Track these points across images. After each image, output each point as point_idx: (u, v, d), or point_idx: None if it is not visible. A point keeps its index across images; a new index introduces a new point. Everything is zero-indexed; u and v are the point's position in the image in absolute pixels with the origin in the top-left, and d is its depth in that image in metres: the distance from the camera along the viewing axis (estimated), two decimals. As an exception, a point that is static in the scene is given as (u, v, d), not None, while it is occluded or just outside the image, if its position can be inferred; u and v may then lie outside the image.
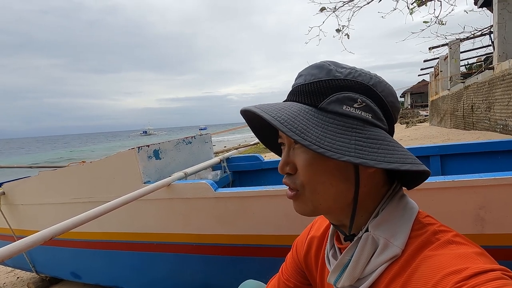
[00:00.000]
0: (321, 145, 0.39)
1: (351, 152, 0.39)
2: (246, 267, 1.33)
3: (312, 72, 0.46)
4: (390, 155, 0.41)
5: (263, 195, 1.19)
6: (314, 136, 0.40)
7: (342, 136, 0.41)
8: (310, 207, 0.47)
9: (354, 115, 0.43)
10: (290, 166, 0.47)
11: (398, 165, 0.40)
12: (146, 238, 1.48)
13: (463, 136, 6.94)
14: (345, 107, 0.43)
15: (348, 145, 0.40)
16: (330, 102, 0.44)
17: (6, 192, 1.84)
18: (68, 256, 1.85)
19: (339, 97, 0.43)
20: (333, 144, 0.40)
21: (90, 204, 1.50)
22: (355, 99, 0.43)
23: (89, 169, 1.55)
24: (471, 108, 7.88)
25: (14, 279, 2.67)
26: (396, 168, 0.40)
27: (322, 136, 0.40)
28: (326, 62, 0.47)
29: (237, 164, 2.03)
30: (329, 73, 0.45)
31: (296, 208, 0.49)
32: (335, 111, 0.43)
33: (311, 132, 0.40)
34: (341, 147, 0.40)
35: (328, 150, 0.39)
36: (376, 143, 0.41)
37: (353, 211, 0.46)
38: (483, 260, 0.37)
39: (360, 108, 0.43)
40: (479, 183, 0.94)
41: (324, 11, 5.02)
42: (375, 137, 0.42)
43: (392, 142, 0.43)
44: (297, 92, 0.47)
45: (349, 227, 0.48)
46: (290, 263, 0.69)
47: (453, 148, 1.64)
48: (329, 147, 0.39)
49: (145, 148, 1.46)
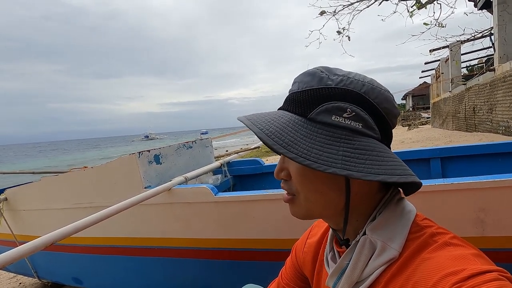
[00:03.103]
0: (307, 157, 0.40)
1: (338, 163, 0.39)
2: (246, 271, 1.33)
3: (304, 79, 0.46)
4: (377, 166, 0.40)
5: (263, 199, 1.19)
6: (301, 148, 0.41)
7: (330, 147, 0.41)
8: (304, 211, 0.49)
9: (342, 125, 0.43)
10: (284, 172, 0.49)
11: (386, 177, 0.40)
12: (147, 243, 1.48)
13: (465, 138, 6.92)
14: (334, 117, 0.43)
15: (335, 156, 0.40)
16: (320, 113, 0.43)
17: (9, 198, 1.85)
18: (70, 261, 1.85)
19: (328, 107, 0.43)
20: (320, 156, 0.40)
21: (91, 209, 1.51)
22: (344, 108, 0.43)
23: (90, 175, 1.56)
24: (473, 110, 7.86)
25: (16, 285, 2.68)
26: (383, 180, 0.39)
27: (309, 147, 0.41)
28: (319, 68, 0.46)
29: (238, 168, 2.04)
30: (320, 81, 0.45)
31: (292, 212, 0.51)
32: (324, 121, 0.43)
33: (299, 144, 0.41)
34: (328, 158, 0.40)
35: (314, 162, 0.39)
36: (365, 153, 0.41)
37: (345, 218, 0.47)
38: (480, 261, 0.37)
39: (349, 117, 0.43)
40: (478, 186, 0.93)
41: (324, 15, 5.04)
42: (364, 148, 0.42)
43: (382, 152, 0.43)
44: (290, 100, 0.47)
45: (342, 232, 0.49)
46: (289, 267, 0.70)
47: (454, 151, 1.64)
48: (315, 158, 0.39)
49: (146, 153, 1.47)
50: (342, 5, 5.00)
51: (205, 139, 2.07)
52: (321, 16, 4.98)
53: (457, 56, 10.58)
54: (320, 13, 4.89)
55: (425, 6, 4.95)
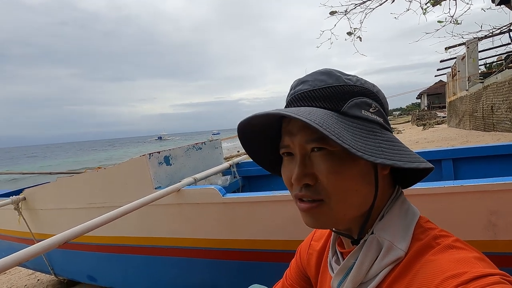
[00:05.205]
0: (358, 148, 0.38)
1: (380, 154, 0.40)
2: (252, 272, 1.33)
3: (320, 78, 0.45)
4: (408, 156, 0.43)
5: (270, 200, 1.20)
6: (349, 140, 0.38)
7: (369, 139, 0.41)
8: (332, 218, 0.44)
9: (372, 119, 0.44)
10: (309, 176, 0.43)
11: (418, 164, 0.42)
12: (157, 242, 1.51)
13: (483, 138, 6.70)
14: (363, 111, 0.44)
15: (376, 148, 0.41)
16: (351, 107, 0.44)
17: (27, 197, 1.92)
18: (84, 259, 1.91)
19: (357, 101, 0.44)
20: (365, 147, 0.39)
21: (104, 209, 1.55)
22: (370, 104, 0.45)
23: (103, 175, 1.60)
24: (491, 109, 7.60)
25: (34, 281, 2.78)
26: (416, 167, 0.42)
27: (353, 139, 0.39)
28: (332, 69, 0.47)
29: (247, 169, 2.05)
30: (338, 79, 0.45)
31: (313, 220, 0.45)
32: (356, 115, 0.44)
33: (345, 136, 0.39)
34: (371, 150, 0.40)
35: (364, 153, 0.38)
36: (395, 145, 0.44)
37: (368, 214, 0.46)
38: (482, 264, 0.37)
39: (374, 112, 0.45)
40: (489, 188, 0.91)
41: (335, 14, 4.98)
42: (391, 140, 0.44)
43: (402, 144, 0.46)
44: (308, 97, 0.45)
45: (359, 230, 0.48)
46: (294, 269, 0.70)
47: (467, 152, 1.59)
48: (363, 150, 0.38)
49: (156, 154, 1.50)
50: (354, 4, 4.93)
51: (214, 140, 2.09)
52: (332, 16, 4.91)
53: (474, 54, 10.25)
54: (331, 13, 4.83)
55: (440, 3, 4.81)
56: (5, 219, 2.15)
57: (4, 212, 2.04)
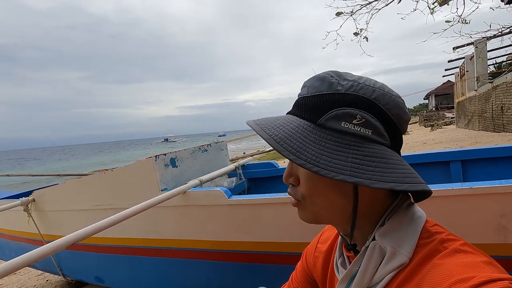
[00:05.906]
0: (316, 163, 0.40)
1: (347, 170, 0.39)
2: (258, 274, 1.33)
3: (314, 84, 0.46)
4: (387, 174, 0.40)
5: (275, 203, 1.19)
6: (310, 154, 0.40)
7: (339, 154, 0.41)
8: (311, 216, 0.49)
9: (352, 132, 0.42)
10: (293, 177, 0.49)
11: (395, 185, 0.39)
12: (163, 244, 1.52)
13: (493, 139, 6.58)
14: (343, 123, 0.43)
15: (344, 163, 0.40)
16: (329, 119, 0.43)
17: (36, 199, 1.95)
18: (92, 260, 1.93)
19: (337, 113, 0.43)
20: (328, 162, 0.40)
21: (111, 210, 1.56)
22: (354, 115, 0.42)
23: (111, 177, 1.62)
24: (501, 109, 7.47)
25: (43, 281, 2.82)
26: (392, 188, 0.39)
27: (318, 154, 0.41)
28: (329, 73, 0.46)
29: (253, 171, 2.04)
30: (330, 86, 0.44)
31: (300, 216, 0.51)
32: (333, 127, 0.43)
33: (307, 150, 0.41)
34: (337, 165, 0.39)
35: (323, 169, 0.39)
36: (374, 160, 0.41)
37: (353, 224, 0.47)
38: (491, 269, 0.36)
39: (359, 124, 0.42)
40: (500, 190, 0.89)
41: (341, 15, 4.96)
42: (373, 155, 0.41)
43: (391, 159, 0.42)
44: (299, 104, 0.47)
45: (350, 238, 0.49)
46: (299, 272, 0.70)
47: (476, 153, 1.56)
48: (324, 165, 0.39)
49: (162, 156, 1.51)
50: (360, 5, 4.90)
51: (220, 142, 2.09)
52: (338, 17, 4.89)
53: (482, 53, 10.09)
54: (336, 14, 4.82)
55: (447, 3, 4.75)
56: (15, 220, 2.18)
57: (14, 213, 2.07)
